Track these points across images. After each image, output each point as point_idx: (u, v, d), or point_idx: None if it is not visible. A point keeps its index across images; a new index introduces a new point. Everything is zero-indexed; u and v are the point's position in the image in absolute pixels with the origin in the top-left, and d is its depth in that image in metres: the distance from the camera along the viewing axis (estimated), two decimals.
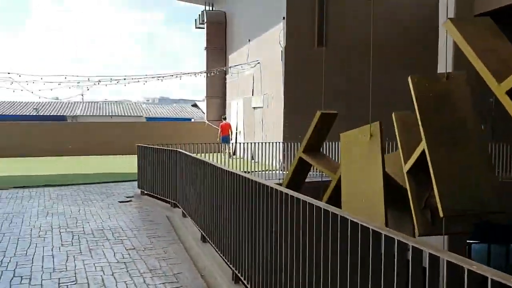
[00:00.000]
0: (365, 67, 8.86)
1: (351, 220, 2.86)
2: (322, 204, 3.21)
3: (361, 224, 2.77)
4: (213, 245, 6.08)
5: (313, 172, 9.67)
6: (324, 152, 9.38)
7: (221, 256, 5.71)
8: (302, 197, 3.56)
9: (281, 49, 16.45)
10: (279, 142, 14.63)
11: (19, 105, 40.04)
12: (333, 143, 13.47)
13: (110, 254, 6.48)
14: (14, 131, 23.10)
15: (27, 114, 36.13)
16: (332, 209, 3.08)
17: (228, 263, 5.34)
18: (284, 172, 13.71)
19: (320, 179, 9.66)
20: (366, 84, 8.96)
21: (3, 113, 35.35)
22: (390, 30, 16.04)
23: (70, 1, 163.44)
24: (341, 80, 15.65)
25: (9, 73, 19.57)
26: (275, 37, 17.01)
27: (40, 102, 39.95)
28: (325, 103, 7.13)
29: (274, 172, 13.76)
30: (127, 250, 6.69)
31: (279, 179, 12.78)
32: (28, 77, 19.96)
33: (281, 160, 14.62)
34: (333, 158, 12.23)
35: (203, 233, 6.64)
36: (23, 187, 12.67)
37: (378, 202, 4.79)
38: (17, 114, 35.44)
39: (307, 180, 6.79)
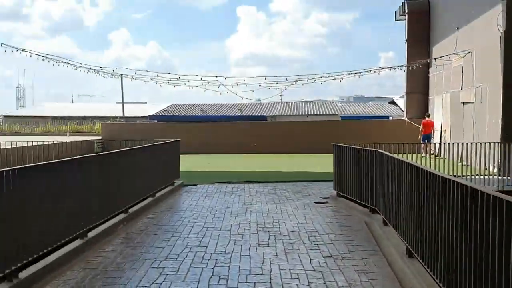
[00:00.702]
0: None
1: None
2: None
3: None
4: (422, 263, 5.16)
5: None
6: None
7: (432, 277, 4.78)
8: None
9: (499, 34, 14.13)
10: (496, 143, 12.52)
11: (226, 106, 43.95)
12: None
13: (306, 260, 6.07)
14: (220, 130, 25.19)
15: (233, 115, 39.30)
16: None
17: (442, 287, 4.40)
18: (502, 178, 11.67)
19: None
20: None
21: (213, 114, 39.16)
22: None
23: (274, 7, 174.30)
24: None
25: (216, 77, 21.26)
26: (491, 21, 14.72)
27: (244, 104, 43.19)
28: None
29: (488, 177, 11.81)
30: (323, 257, 6.20)
31: (497, 185, 10.92)
32: (232, 79, 21.45)
33: (499, 164, 12.48)
34: None
35: (409, 247, 5.74)
36: (227, 182, 13.40)
37: None
38: (224, 115, 38.82)
39: None
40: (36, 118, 42.85)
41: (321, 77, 20.48)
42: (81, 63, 22.70)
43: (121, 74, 28.19)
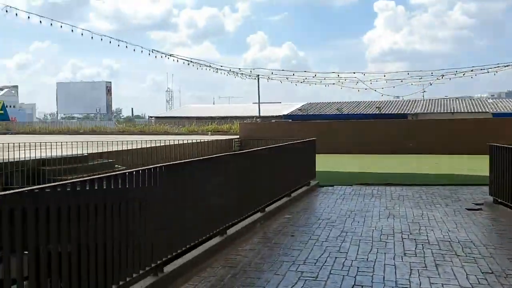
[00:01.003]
0: None
1: None
2: None
3: None
4: None
5: None
6: None
7: None
8: None
9: None
10: None
11: (363, 104, 42.66)
12: None
13: (461, 275, 5.33)
14: (357, 129, 24.39)
15: (370, 113, 37.93)
16: None
17: None
18: None
19: None
20: None
21: (349, 113, 38.25)
22: None
23: (413, 0, 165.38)
24: None
25: (354, 73, 20.61)
26: None
27: (382, 101, 41.51)
28: None
29: None
30: (482, 273, 5.39)
31: None
32: (371, 75, 20.60)
33: None
34: None
35: None
36: (366, 184, 12.77)
37: None
38: (361, 113, 37.67)
39: None
40: (182, 118, 46.33)
41: (471, 70, 18.58)
42: (221, 65, 23.82)
43: (258, 75, 28.98)
